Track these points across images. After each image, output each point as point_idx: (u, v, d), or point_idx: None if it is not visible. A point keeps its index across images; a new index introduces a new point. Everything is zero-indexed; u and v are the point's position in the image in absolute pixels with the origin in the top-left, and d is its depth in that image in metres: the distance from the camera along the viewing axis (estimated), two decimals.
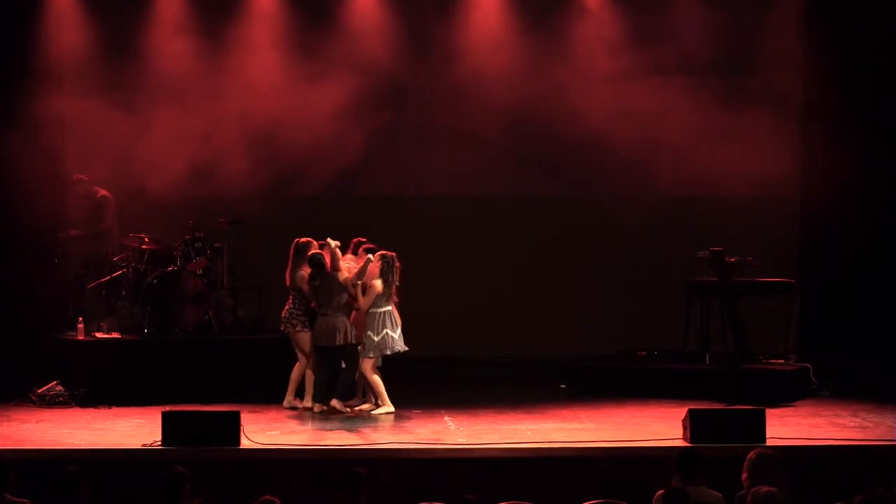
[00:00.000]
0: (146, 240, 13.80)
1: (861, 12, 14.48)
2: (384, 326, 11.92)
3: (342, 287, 11.92)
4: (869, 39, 14.48)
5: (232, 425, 10.06)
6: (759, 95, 14.83)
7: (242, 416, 10.18)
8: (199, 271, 13.66)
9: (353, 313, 12.08)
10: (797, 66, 15.08)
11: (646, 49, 14.82)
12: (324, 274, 11.94)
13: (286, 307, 12.26)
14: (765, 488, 7.74)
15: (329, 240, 12.01)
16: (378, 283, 11.88)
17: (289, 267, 12.22)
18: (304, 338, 12.14)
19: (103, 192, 14.17)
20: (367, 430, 11.10)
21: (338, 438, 10.67)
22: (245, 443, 10.07)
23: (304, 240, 12.25)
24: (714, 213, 14.64)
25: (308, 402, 12.10)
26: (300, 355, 12.24)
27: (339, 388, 11.95)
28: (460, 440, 10.47)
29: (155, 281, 13.41)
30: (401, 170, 15.72)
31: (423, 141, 15.59)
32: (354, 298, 11.93)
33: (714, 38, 14.99)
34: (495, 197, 15.56)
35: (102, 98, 14.20)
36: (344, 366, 12.07)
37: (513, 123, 15.17)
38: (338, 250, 11.99)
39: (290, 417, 11.76)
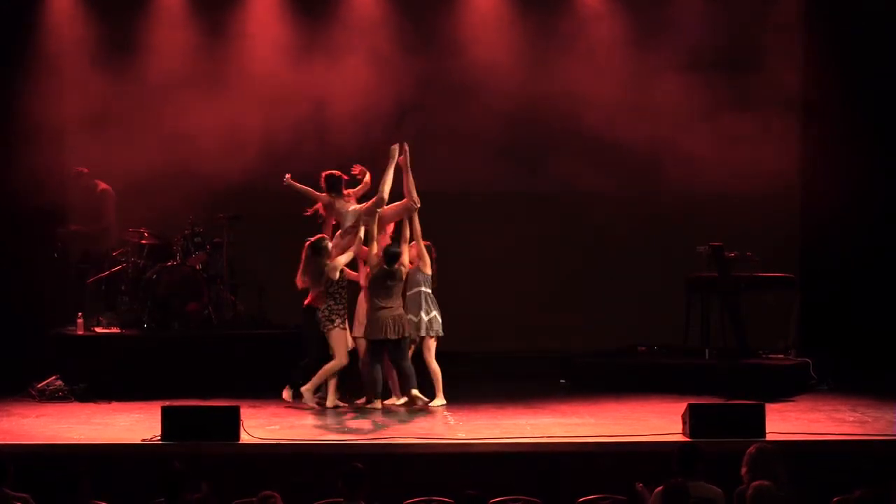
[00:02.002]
0: (146, 234, 13.80)
1: (861, 12, 14.47)
2: (432, 309, 12.12)
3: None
4: (869, 39, 14.47)
5: (231, 420, 10.05)
6: (760, 94, 14.83)
7: (242, 410, 10.17)
8: (199, 266, 13.66)
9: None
10: (798, 66, 15.08)
11: (647, 47, 14.82)
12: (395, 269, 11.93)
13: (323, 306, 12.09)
14: (764, 483, 7.76)
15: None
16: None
17: (301, 268, 12.08)
18: (343, 336, 11.95)
19: (104, 185, 14.16)
20: (366, 426, 11.08)
21: (337, 434, 10.66)
22: (245, 438, 10.06)
23: (315, 238, 12.13)
24: (714, 211, 14.61)
25: (332, 401, 11.98)
26: (338, 355, 11.88)
27: (407, 378, 11.91)
28: (460, 435, 10.46)
29: (154, 276, 13.40)
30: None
31: (424, 138, 15.51)
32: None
33: (715, 37, 14.99)
34: (496, 194, 15.53)
35: (103, 92, 14.20)
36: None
37: (513, 120, 15.16)
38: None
39: (289, 413, 11.73)
